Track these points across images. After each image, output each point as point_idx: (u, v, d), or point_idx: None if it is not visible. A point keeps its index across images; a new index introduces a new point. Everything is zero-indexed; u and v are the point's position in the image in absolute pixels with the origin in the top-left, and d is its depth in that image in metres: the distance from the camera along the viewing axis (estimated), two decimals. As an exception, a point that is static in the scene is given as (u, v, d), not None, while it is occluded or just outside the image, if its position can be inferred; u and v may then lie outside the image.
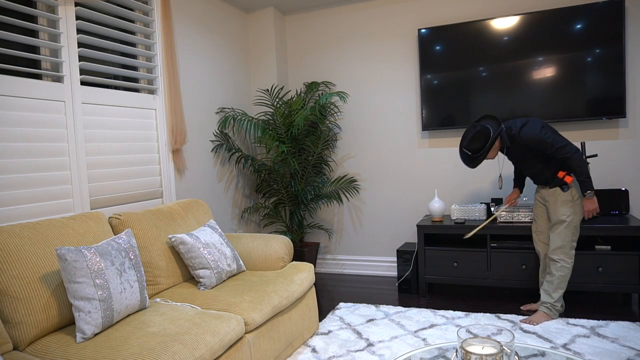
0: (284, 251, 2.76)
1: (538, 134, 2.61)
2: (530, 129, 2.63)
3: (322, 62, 4.19)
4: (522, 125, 2.67)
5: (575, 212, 2.71)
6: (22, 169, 2.15)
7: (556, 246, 2.75)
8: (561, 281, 2.76)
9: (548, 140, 2.60)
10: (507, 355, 1.45)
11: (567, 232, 2.72)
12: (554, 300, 2.77)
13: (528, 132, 2.63)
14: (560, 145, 2.59)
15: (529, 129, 2.64)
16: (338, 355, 2.48)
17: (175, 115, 3.02)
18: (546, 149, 2.62)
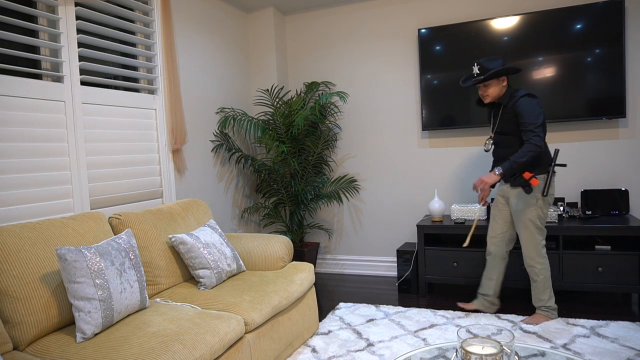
0: (284, 251, 2.76)
1: (532, 106, 2.57)
2: (530, 100, 2.60)
3: (322, 62, 4.19)
4: (527, 94, 2.63)
5: (540, 214, 2.68)
6: (22, 169, 2.15)
7: (529, 253, 2.73)
8: (545, 282, 2.75)
9: (532, 117, 2.55)
10: (507, 355, 1.45)
11: (535, 235, 2.71)
12: (546, 301, 2.77)
13: (526, 100, 2.60)
14: (534, 130, 2.53)
15: (529, 99, 2.60)
16: (338, 355, 2.48)
17: (175, 115, 3.02)
18: (523, 124, 2.57)
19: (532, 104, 2.59)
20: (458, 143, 3.79)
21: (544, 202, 2.67)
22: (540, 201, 2.67)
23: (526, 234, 2.72)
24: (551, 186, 2.70)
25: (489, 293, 2.96)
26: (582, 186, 3.47)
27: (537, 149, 2.54)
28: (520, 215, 2.72)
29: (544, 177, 2.67)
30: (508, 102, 2.70)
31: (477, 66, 2.72)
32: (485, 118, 3.56)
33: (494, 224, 2.91)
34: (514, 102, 2.65)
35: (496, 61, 2.69)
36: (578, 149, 3.46)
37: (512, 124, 2.68)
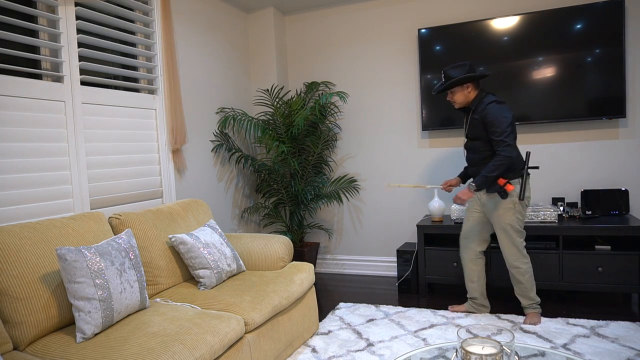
0: (284, 251, 2.76)
1: (501, 114, 2.56)
2: (498, 107, 2.59)
3: (322, 62, 4.19)
4: (495, 101, 2.63)
5: (519, 217, 2.69)
6: (22, 169, 2.15)
7: (512, 255, 2.75)
8: (531, 280, 2.77)
9: (501, 126, 2.55)
10: (507, 355, 1.45)
11: (515, 238, 2.72)
12: (534, 298, 2.79)
13: (494, 108, 2.59)
14: (504, 139, 2.53)
15: (498, 106, 2.60)
16: (338, 355, 2.48)
17: (175, 115, 3.02)
18: (493, 133, 2.57)
19: (501, 112, 2.58)
20: (458, 143, 3.78)
21: (521, 205, 2.69)
22: (517, 205, 2.68)
23: (506, 238, 2.74)
24: (527, 189, 2.71)
25: (476, 296, 2.97)
26: (582, 186, 3.47)
27: (507, 160, 2.55)
28: (498, 220, 2.73)
29: (518, 181, 2.68)
30: (476, 108, 2.70)
31: (443, 74, 2.75)
32: (485, 118, 3.55)
33: (466, 224, 2.93)
34: (483, 108, 2.65)
35: (461, 68, 2.70)
36: (578, 149, 3.46)
37: (480, 130, 2.69)
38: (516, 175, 2.67)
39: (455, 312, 3.02)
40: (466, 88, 2.72)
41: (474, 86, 2.73)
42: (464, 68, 2.70)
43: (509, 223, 2.70)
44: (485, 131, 2.66)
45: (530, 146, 3.57)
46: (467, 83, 2.71)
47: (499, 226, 2.74)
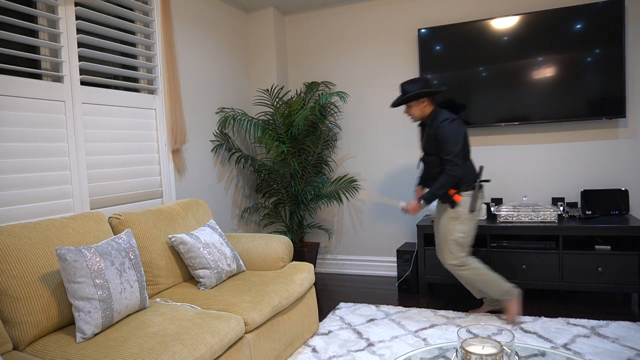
0: (284, 251, 2.76)
1: (451, 133, 2.60)
2: (450, 125, 2.62)
3: (322, 62, 4.19)
4: (448, 119, 2.65)
5: (463, 229, 2.71)
6: (22, 169, 2.14)
7: (452, 260, 2.75)
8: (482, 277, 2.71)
9: (450, 145, 2.60)
10: (507, 355, 1.45)
11: (455, 248, 2.73)
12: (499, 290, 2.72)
13: (446, 126, 2.62)
14: (452, 159, 2.59)
15: (449, 124, 2.63)
16: (338, 355, 2.48)
17: (175, 115, 3.02)
18: (443, 151, 2.62)
19: (452, 130, 2.61)
20: (458, 143, 3.78)
21: (467, 217, 2.72)
22: (462, 217, 2.71)
23: (445, 246, 2.77)
24: (477, 201, 2.73)
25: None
26: (582, 186, 3.47)
27: (454, 180, 2.60)
28: (442, 229, 2.76)
29: (470, 193, 2.72)
30: (431, 123, 2.73)
31: (400, 88, 2.79)
32: (485, 118, 3.56)
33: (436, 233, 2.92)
34: (436, 125, 2.68)
35: (417, 83, 2.73)
36: (578, 149, 3.46)
37: (433, 146, 2.73)
38: (468, 187, 2.71)
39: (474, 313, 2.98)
40: (422, 103, 2.76)
41: (430, 101, 2.77)
42: (420, 83, 2.73)
43: (450, 234, 2.72)
44: (436, 146, 2.70)
45: (531, 146, 3.58)
46: (423, 98, 2.75)
47: (441, 235, 2.77)
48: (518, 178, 3.64)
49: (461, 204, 2.69)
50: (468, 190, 2.71)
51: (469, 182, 2.72)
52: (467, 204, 2.70)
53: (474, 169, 2.78)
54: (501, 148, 3.67)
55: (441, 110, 2.76)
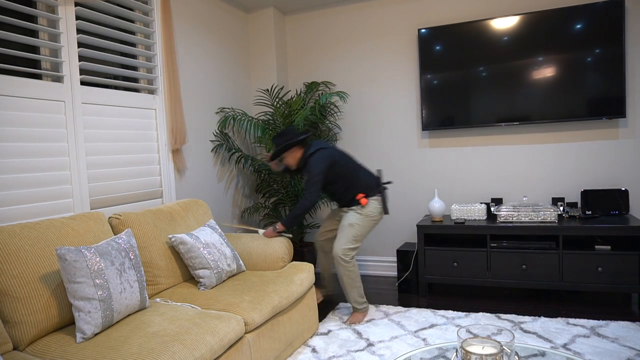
0: (284, 251, 2.76)
1: (314, 164, 2.80)
2: (315, 158, 2.83)
3: (322, 62, 4.19)
4: (314, 151, 2.87)
5: (362, 223, 2.88)
6: (22, 169, 2.15)
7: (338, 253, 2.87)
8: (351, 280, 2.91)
9: (311, 174, 2.80)
10: (507, 355, 1.45)
11: (349, 234, 2.87)
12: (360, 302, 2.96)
13: (312, 159, 2.83)
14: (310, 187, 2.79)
15: (315, 156, 2.83)
16: (338, 355, 2.48)
17: (175, 115, 3.02)
18: (305, 179, 2.82)
19: (315, 162, 2.81)
20: (458, 143, 3.79)
21: (371, 219, 2.90)
22: (365, 219, 2.89)
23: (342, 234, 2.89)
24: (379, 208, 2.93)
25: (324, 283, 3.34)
26: (582, 186, 3.47)
27: (310, 204, 2.80)
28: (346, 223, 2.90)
29: (377, 198, 2.92)
30: (304, 165, 2.93)
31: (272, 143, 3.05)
32: (485, 118, 3.56)
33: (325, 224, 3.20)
34: (305, 162, 2.89)
35: (283, 136, 2.92)
36: (578, 149, 3.46)
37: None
38: (374, 192, 2.92)
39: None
40: (293, 151, 2.95)
41: (300, 146, 2.95)
42: (285, 136, 2.92)
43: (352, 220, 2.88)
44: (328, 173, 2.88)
45: (531, 146, 3.58)
46: (294, 147, 2.93)
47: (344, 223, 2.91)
48: (518, 178, 3.64)
49: (368, 207, 2.89)
50: (374, 195, 2.91)
51: (372, 188, 2.92)
52: (375, 208, 2.90)
53: (372, 175, 2.98)
54: (501, 148, 3.67)
55: (309, 147, 2.94)
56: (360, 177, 2.92)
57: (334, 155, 2.88)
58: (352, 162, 2.95)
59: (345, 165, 2.90)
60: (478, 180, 3.75)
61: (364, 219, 2.89)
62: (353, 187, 2.90)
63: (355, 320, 2.94)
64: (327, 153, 2.86)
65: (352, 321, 2.93)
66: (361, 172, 2.94)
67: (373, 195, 2.91)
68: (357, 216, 2.89)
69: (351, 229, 2.88)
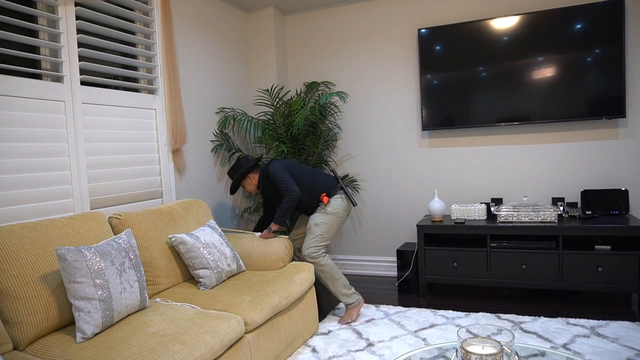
0: (284, 251, 2.76)
1: (277, 172, 2.91)
2: (271, 168, 2.95)
3: (322, 62, 4.19)
4: (266, 166, 3.01)
5: (327, 221, 2.93)
6: (22, 169, 2.15)
7: (306, 245, 2.91)
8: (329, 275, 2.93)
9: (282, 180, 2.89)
10: (507, 355, 1.45)
11: (315, 234, 2.90)
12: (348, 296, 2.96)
13: (270, 169, 2.95)
14: (288, 188, 2.87)
15: (269, 168, 2.96)
16: (338, 355, 2.48)
17: (175, 115, 3.02)
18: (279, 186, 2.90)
19: (276, 170, 2.93)
20: (458, 143, 3.79)
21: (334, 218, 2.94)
22: (327, 217, 2.93)
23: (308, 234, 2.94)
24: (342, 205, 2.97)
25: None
26: (582, 186, 3.47)
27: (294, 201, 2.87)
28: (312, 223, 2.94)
29: (340, 196, 2.97)
30: (263, 184, 3.08)
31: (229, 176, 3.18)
32: (485, 117, 3.56)
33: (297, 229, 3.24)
34: (265, 177, 3.02)
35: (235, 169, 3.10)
36: (578, 149, 3.46)
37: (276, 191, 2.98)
38: (335, 191, 2.97)
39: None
40: (249, 178, 3.12)
41: (254, 172, 3.11)
42: (238, 167, 3.10)
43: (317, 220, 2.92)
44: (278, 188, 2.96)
45: (531, 146, 3.58)
46: (247, 175, 3.10)
47: (311, 229, 2.94)
48: (518, 178, 3.64)
49: (330, 205, 2.94)
50: (336, 194, 2.97)
51: (332, 187, 2.98)
52: (338, 205, 2.95)
53: (329, 176, 3.06)
54: (501, 148, 3.67)
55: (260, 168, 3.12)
56: (319, 180, 3.00)
57: (287, 164, 3.01)
58: (307, 169, 3.07)
59: (302, 170, 3.02)
60: (478, 180, 3.75)
61: (329, 216, 2.93)
62: (315, 191, 2.96)
63: (349, 317, 2.92)
64: (279, 161, 3.00)
65: (345, 320, 2.92)
66: (319, 176, 3.03)
67: (335, 194, 2.96)
68: (322, 215, 2.93)
69: (317, 228, 2.91)
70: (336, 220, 2.96)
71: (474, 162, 3.75)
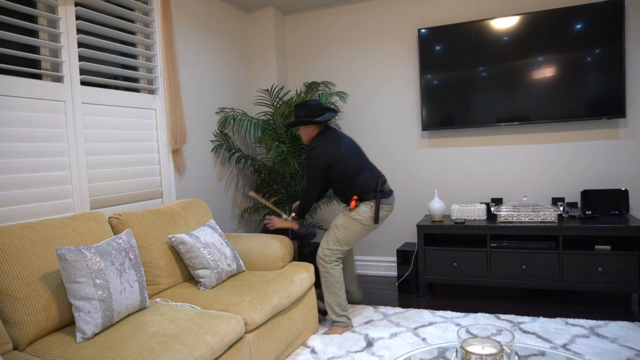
0: (284, 251, 2.76)
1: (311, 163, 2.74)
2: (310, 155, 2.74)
3: (322, 62, 4.19)
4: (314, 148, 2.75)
5: (347, 226, 2.77)
6: (22, 169, 2.15)
7: (322, 252, 2.82)
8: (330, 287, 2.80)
9: (309, 173, 2.77)
10: (507, 355, 1.45)
11: (333, 235, 2.80)
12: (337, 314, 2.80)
13: (309, 155, 2.75)
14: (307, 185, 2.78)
15: (310, 154, 2.74)
16: (337, 356, 2.48)
17: (175, 115, 3.02)
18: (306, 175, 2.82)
19: (315, 160, 2.73)
20: (458, 143, 3.79)
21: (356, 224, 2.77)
22: (349, 222, 2.77)
23: (328, 233, 2.85)
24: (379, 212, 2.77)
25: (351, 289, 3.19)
26: (582, 186, 3.47)
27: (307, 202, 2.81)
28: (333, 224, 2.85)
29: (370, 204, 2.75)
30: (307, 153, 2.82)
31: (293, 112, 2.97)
32: (485, 118, 3.56)
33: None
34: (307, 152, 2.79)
35: (303, 109, 2.81)
36: (578, 149, 3.46)
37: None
38: (369, 197, 2.75)
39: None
40: (309, 128, 2.85)
41: (317, 126, 2.85)
42: (307, 109, 2.81)
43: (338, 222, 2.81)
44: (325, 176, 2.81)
45: (531, 146, 3.58)
46: (311, 125, 2.84)
47: (331, 228, 2.84)
48: (518, 178, 3.64)
49: (356, 210, 2.76)
50: (368, 200, 2.76)
51: (368, 192, 2.76)
52: (365, 212, 2.75)
53: (374, 178, 2.79)
54: (501, 148, 3.67)
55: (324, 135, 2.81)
56: (360, 180, 2.76)
57: (335, 155, 2.73)
58: (357, 161, 2.79)
59: (348, 165, 2.74)
60: (478, 180, 3.75)
61: (351, 221, 2.76)
62: (350, 189, 2.77)
63: (333, 332, 2.78)
64: (328, 152, 2.72)
65: (328, 333, 2.78)
66: (364, 173, 2.78)
67: (367, 200, 2.75)
68: (344, 218, 2.79)
69: (336, 230, 2.79)
70: (358, 227, 2.77)
71: (474, 162, 3.75)
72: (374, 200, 2.74)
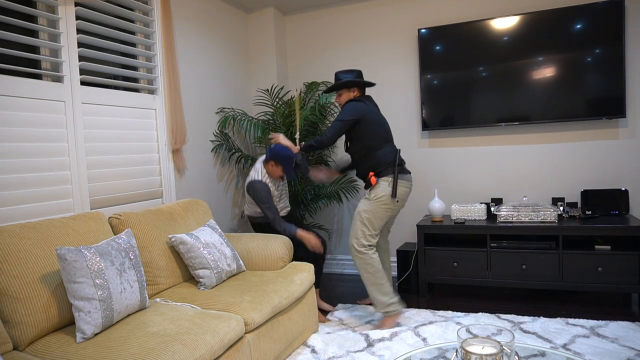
0: (284, 251, 2.76)
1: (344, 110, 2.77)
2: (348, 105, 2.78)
3: (322, 62, 4.19)
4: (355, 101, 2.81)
5: (370, 209, 2.77)
6: (22, 169, 2.15)
7: (351, 240, 2.84)
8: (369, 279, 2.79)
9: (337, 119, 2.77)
10: (507, 355, 1.45)
11: (359, 226, 2.80)
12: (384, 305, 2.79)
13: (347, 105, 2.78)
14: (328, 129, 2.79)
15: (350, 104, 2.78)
16: (337, 355, 2.48)
17: (175, 115, 3.02)
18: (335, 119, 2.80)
19: (347, 109, 2.77)
20: (458, 143, 3.79)
21: (378, 206, 2.76)
22: (376, 200, 2.76)
23: (353, 222, 2.85)
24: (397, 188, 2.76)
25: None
26: (582, 186, 3.47)
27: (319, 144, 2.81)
28: (356, 211, 2.85)
29: (388, 179, 2.75)
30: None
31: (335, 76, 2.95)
32: (485, 118, 3.56)
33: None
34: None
35: (351, 73, 2.90)
36: (578, 149, 3.46)
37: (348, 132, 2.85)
38: (387, 172, 2.76)
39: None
40: (352, 91, 2.90)
41: (359, 90, 2.91)
42: (353, 73, 2.90)
43: (362, 211, 2.80)
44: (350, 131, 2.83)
45: (531, 146, 3.58)
46: (354, 87, 2.89)
47: (354, 215, 2.85)
48: (518, 178, 3.64)
49: (376, 189, 2.76)
50: (386, 176, 2.76)
51: (385, 166, 2.76)
52: (384, 190, 2.75)
53: (392, 153, 2.80)
54: (501, 148, 3.67)
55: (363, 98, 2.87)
56: (379, 152, 2.77)
57: (367, 115, 2.76)
58: (382, 133, 2.81)
59: (373, 131, 2.77)
60: (478, 180, 3.75)
61: (372, 204, 2.75)
62: (367, 159, 2.78)
63: (381, 325, 2.79)
64: (363, 109, 2.77)
65: (378, 326, 2.80)
66: (385, 147, 2.79)
67: (385, 175, 2.74)
68: (366, 202, 2.79)
69: (359, 216, 2.79)
70: (381, 208, 2.74)
71: (474, 162, 3.75)
72: (392, 175, 2.74)
